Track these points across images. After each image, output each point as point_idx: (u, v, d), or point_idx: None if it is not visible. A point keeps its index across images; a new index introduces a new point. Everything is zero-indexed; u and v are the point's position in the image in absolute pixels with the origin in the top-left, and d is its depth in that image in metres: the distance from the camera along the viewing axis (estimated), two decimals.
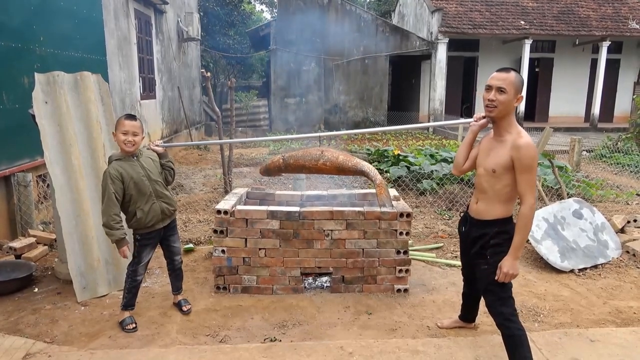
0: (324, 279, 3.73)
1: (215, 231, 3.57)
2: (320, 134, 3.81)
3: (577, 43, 16.83)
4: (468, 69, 17.42)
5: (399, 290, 3.65)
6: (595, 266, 4.21)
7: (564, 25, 16.08)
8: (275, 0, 22.63)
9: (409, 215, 3.57)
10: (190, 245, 4.62)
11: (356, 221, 3.55)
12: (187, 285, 3.72)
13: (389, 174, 6.90)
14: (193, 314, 3.33)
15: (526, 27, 15.73)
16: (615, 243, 4.46)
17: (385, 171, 7.17)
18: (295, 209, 3.59)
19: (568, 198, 5.06)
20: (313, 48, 16.00)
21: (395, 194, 4.03)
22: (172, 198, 3.22)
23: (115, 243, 2.99)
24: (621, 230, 4.86)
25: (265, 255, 3.59)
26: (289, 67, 16.14)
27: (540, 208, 4.56)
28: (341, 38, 15.95)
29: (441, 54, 16.05)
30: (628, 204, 6.29)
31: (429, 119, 16.76)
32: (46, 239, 4.55)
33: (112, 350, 2.86)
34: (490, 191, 2.52)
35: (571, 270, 4.11)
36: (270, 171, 3.96)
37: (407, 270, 3.65)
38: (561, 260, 4.13)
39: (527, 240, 4.49)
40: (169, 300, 3.48)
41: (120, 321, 3.14)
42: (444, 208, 6.05)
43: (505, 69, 2.46)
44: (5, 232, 4.66)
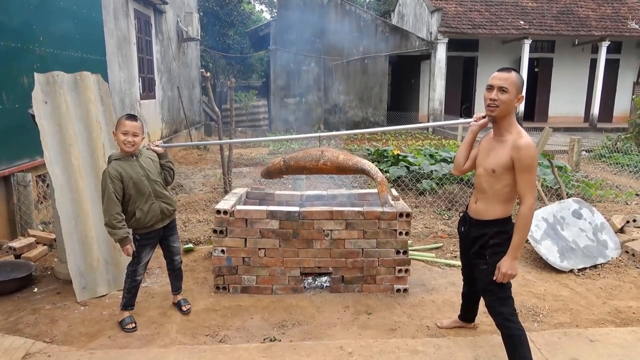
0: (324, 278, 3.73)
1: (214, 231, 3.57)
2: (320, 134, 3.80)
3: (577, 43, 16.85)
4: (467, 69, 17.43)
5: (398, 290, 3.65)
6: (595, 266, 4.21)
7: (564, 25, 16.09)
8: (275, 0, 22.63)
9: (408, 215, 3.57)
10: (190, 245, 4.62)
11: (356, 221, 3.55)
12: (187, 285, 3.72)
13: (388, 174, 6.90)
14: (193, 314, 3.33)
15: (526, 27, 15.74)
16: (614, 243, 4.47)
17: (385, 171, 7.16)
18: (295, 209, 3.59)
19: (567, 198, 5.06)
20: (313, 48, 16.01)
21: (395, 194, 4.03)
22: (172, 198, 3.22)
23: (118, 242, 2.99)
24: (620, 230, 4.87)
25: (265, 255, 3.59)
26: (288, 67, 16.14)
27: (540, 208, 4.57)
28: (341, 38, 15.95)
29: (441, 54, 16.06)
30: (627, 204, 6.30)
31: (428, 119, 16.77)
32: (46, 239, 4.55)
33: (112, 350, 2.87)
34: (490, 191, 2.52)
35: (570, 270, 4.11)
36: (271, 173, 3.96)
37: (407, 270, 3.65)
38: (560, 260, 4.13)
39: (527, 240, 4.50)
40: (169, 300, 3.48)
41: (120, 321, 3.14)
42: (444, 208, 6.06)
43: (506, 69, 2.47)
44: (4, 232, 4.66)
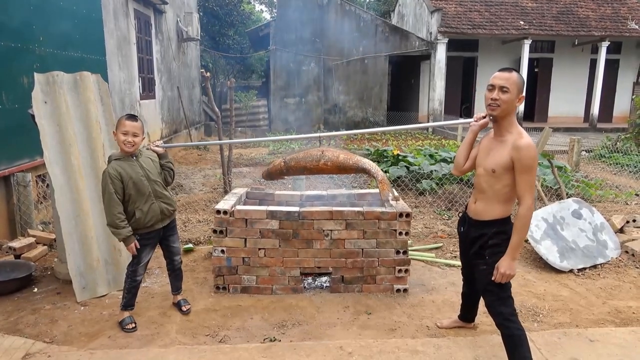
0: (324, 279, 3.73)
1: (214, 231, 3.57)
2: (320, 134, 3.80)
3: (577, 43, 16.85)
4: (467, 69, 17.42)
5: (398, 290, 3.65)
6: (595, 266, 4.22)
7: (563, 26, 16.09)
8: (275, 0, 22.63)
9: (408, 215, 3.57)
10: (190, 245, 4.62)
11: (356, 221, 3.55)
12: (187, 285, 3.72)
13: (388, 174, 6.90)
14: (192, 314, 3.33)
15: (525, 28, 15.74)
16: (614, 243, 4.47)
17: (385, 171, 7.16)
18: (295, 209, 3.59)
19: (567, 198, 5.06)
20: (312, 48, 16.01)
21: (395, 193, 4.03)
22: (172, 198, 3.22)
23: (122, 241, 3.00)
24: (620, 230, 4.87)
25: (265, 255, 3.59)
26: (288, 67, 16.14)
27: (540, 208, 4.57)
28: (341, 38, 15.96)
29: (440, 54, 16.06)
30: (627, 204, 6.30)
31: (428, 119, 16.77)
32: (46, 239, 4.55)
33: (112, 350, 2.87)
34: (489, 191, 2.52)
35: (570, 270, 4.11)
36: (272, 175, 3.96)
37: (407, 270, 3.65)
38: (560, 260, 4.13)
39: (526, 240, 4.51)
40: (169, 300, 3.48)
41: (120, 321, 3.14)
42: (444, 208, 6.06)
43: (507, 69, 2.47)
44: (4, 232, 4.66)
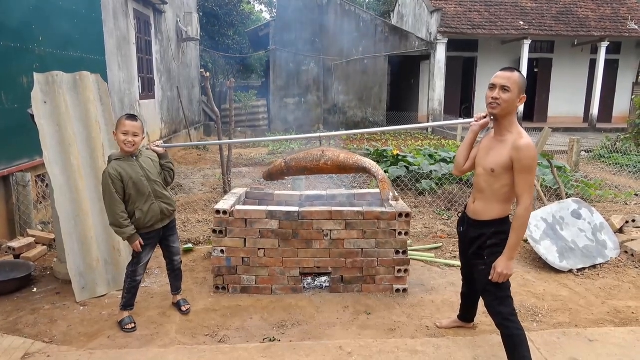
0: (323, 279, 3.73)
1: (214, 231, 3.57)
2: (320, 134, 3.80)
3: (576, 43, 16.86)
4: (467, 69, 17.42)
5: (398, 290, 3.65)
6: (594, 266, 4.22)
7: (563, 26, 16.10)
8: (275, 0, 22.63)
9: (408, 215, 3.57)
10: (190, 245, 4.62)
11: (355, 221, 3.55)
12: (186, 285, 3.71)
13: (388, 174, 6.90)
14: (192, 314, 3.33)
15: (525, 28, 15.75)
16: (613, 243, 4.47)
17: (385, 171, 7.15)
18: (295, 209, 3.59)
19: (567, 198, 5.06)
20: (312, 48, 16.01)
21: (395, 193, 4.03)
22: (172, 198, 3.22)
23: (127, 240, 3.01)
24: (620, 231, 4.87)
25: (265, 255, 3.59)
26: (288, 67, 16.15)
27: (539, 208, 4.57)
28: (340, 38, 15.96)
29: (440, 54, 16.06)
30: (627, 204, 6.30)
31: (428, 119, 16.77)
32: (45, 239, 4.55)
33: (111, 350, 2.86)
34: (488, 191, 2.52)
35: (570, 270, 4.11)
36: (273, 175, 3.96)
37: (406, 270, 3.65)
38: (560, 260, 4.14)
39: (526, 240, 4.52)
40: (168, 300, 3.48)
41: (120, 321, 3.14)
42: (443, 208, 6.06)
43: (509, 69, 2.47)
44: (4, 232, 4.66)
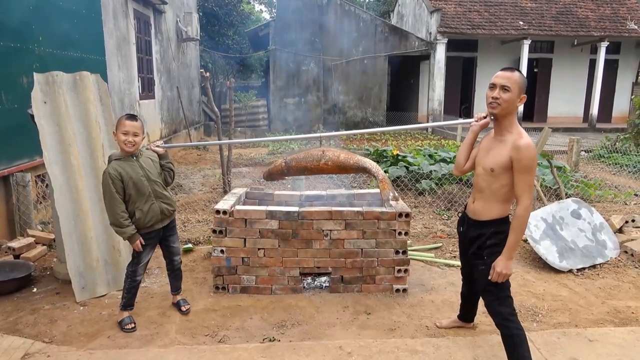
0: (323, 279, 3.73)
1: (214, 231, 3.57)
2: (321, 134, 3.81)
3: (576, 43, 16.87)
4: (467, 69, 17.43)
5: (397, 290, 3.65)
6: (594, 266, 4.22)
7: (563, 26, 16.11)
8: (274, 0, 22.63)
9: (407, 215, 3.57)
10: (189, 245, 4.62)
11: (355, 221, 3.55)
12: (186, 285, 3.71)
13: (387, 174, 6.90)
14: (192, 314, 3.33)
15: (525, 28, 15.75)
16: (613, 243, 4.47)
17: (385, 171, 7.15)
18: (294, 209, 3.59)
19: (566, 198, 5.06)
20: (312, 48, 16.01)
21: (395, 194, 4.03)
22: (172, 198, 3.22)
23: (128, 239, 3.01)
24: (619, 230, 4.88)
25: (264, 255, 3.59)
26: (288, 67, 16.15)
27: (539, 208, 4.57)
28: (340, 38, 15.96)
29: (440, 54, 16.06)
30: (626, 204, 6.30)
31: (427, 119, 16.77)
32: (45, 239, 4.55)
33: (111, 350, 2.86)
34: (488, 190, 2.52)
35: (569, 270, 4.11)
36: (274, 175, 3.97)
37: (406, 270, 3.65)
38: (560, 260, 4.14)
39: (526, 240, 4.52)
40: (168, 300, 3.48)
41: (119, 321, 3.14)
42: (443, 208, 6.06)
43: (509, 69, 2.48)
44: (4, 232, 4.66)
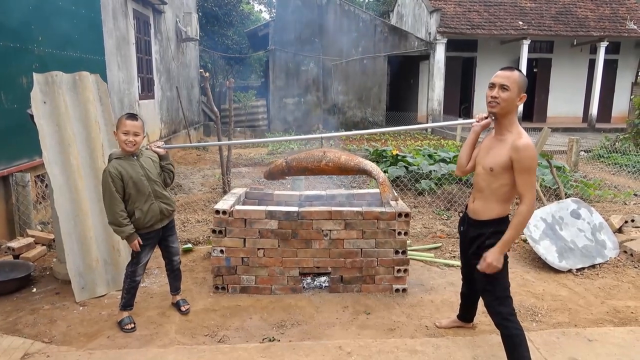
0: (323, 279, 3.73)
1: (213, 231, 3.57)
2: (322, 134, 3.82)
3: (575, 43, 16.88)
4: (466, 69, 17.44)
5: (397, 290, 3.65)
6: (593, 266, 4.22)
7: (562, 26, 16.12)
8: (274, 0, 22.63)
9: (407, 215, 3.57)
10: (189, 245, 4.62)
11: (355, 221, 3.56)
12: (186, 285, 3.71)
13: (387, 174, 6.90)
14: (192, 314, 3.33)
15: (524, 28, 15.76)
16: (613, 243, 4.48)
17: (384, 171, 7.16)
18: (294, 209, 3.59)
19: (566, 198, 5.07)
20: (312, 48, 16.01)
21: (395, 194, 4.04)
22: (171, 198, 3.22)
23: (125, 239, 3.01)
24: (619, 230, 4.88)
25: (264, 255, 3.59)
26: (287, 67, 16.15)
27: (538, 208, 4.58)
28: (340, 38, 15.96)
29: (439, 54, 16.07)
30: (626, 204, 6.31)
31: (427, 119, 16.78)
32: (45, 239, 4.55)
33: (111, 350, 2.86)
34: (487, 190, 2.52)
35: (569, 270, 4.12)
36: (274, 175, 3.97)
37: (406, 270, 3.65)
38: (559, 260, 4.14)
39: (525, 240, 4.52)
40: (168, 300, 3.48)
41: (119, 321, 3.14)
42: (443, 208, 6.06)
43: (509, 68, 2.49)
44: (3, 232, 4.66)
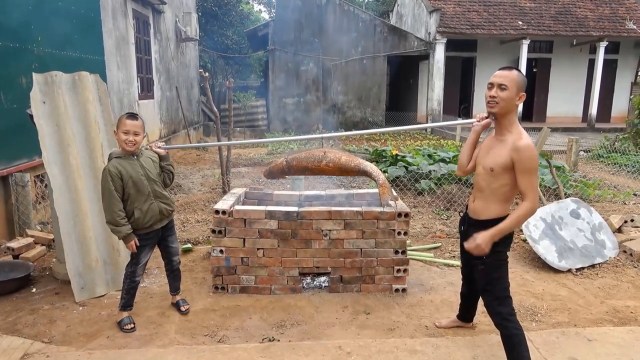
0: (322, 278, 3.73)
1: (213, 231, 3.57)
2: (321, 135, 3.82)
3: (575, 43, 16.89)
4: (466, 69, 17.43)
5: (397, 290, 3.65)
6: (593, 266, 4.22)
7: (562, 26, 16.12)
8: (274, 0, 22.64)
9: (407, 215, 3.57)
10: (189, 245, 4.62)
11: (354, 221, 3.56)
12: (186, 285, 3.71)
13: (387, 174, 6.90)
14: (191, 314, 3.33)
15: (524, 28, 15.76)
16: (612, 243, 4.48)
17: (384, 171, 7.16)
18: (294, 208, 3.59)
19: (566, 198, 5.07)
20: (311, 48, 16.01)
21: (394, 194, 4.04)
22: (171, 198, 3.22)
23: (122, 239, 2.99)
24: (618, 230, 4.88)
25: (264, 255, 3.59)
26: (287, 67, 16.15)
27: (538, 208, 4.58)
28: (339, 38, 15.96)
29: (439, 54, 16.07)
30: (625, 203, 6.31)
31: (427, 119, 16.78)
32: (44, 239, 4.55)
33: (111, 350, 2.86)
34: (487, 190, 2.53)
35: (569, 270, 4.12)
36: (274, 174, 3.98)
37: (405, 270, 3.66)
38: (559, 260, 4.14)
39: (525, 240, 4.52)
40: (167, 300, 3.48)
41: (119, 321, 3.14)
42: (442, 208, 6.06)
43: (507, 67, 2.50)
44: (3, 232, 4.66)
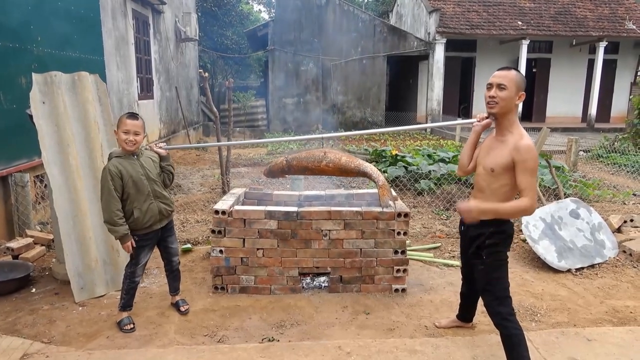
0: (322, 279, 3.74)
1: (213, 231, 3.57)
2: (321, 135, 3.83)
3: (574, 43, 16.90)
4: (466, 69, 17.44)
5: (396, 290, 3.65)
6: (592, 266, 4.23)
7: (561, 26, 16.13)
8: (273, 0, 22.64)
9: (406, 215, 3.58)
10: (188, 245, 4.61)
11: (354, 221, 3.56)
12: (185, 285, 3.71)
13: (386, 174, 6.91)
14: (191, 314, 3.33)
15: (523, 28, 15.77)
16: (612, 243, 4.48)
17: (383, 171, 7.16)
18: (293, 209, 3.59)
19: (565, 198, 5.07)
20: (311, 48, 16.01)
21: (394, 194, 4.04)
22: (170, 198, 3.22)
23: (119, 239, 2.99)
24: (618, 230, 4.88)
25: (263, 256, 3.59)
26: (286, 67, 16.15)
27: (538, 208, 4.58)
28: (339, 38, 15.97)
29: (439, 54, 16.07)
30: (625, 204, 6.31)
31: (426, 119, 16.78)
32: (44, 240, 4.55)
33: (110, 350, 2.86)
34: (488, 190, 2.53)
35: (568, 270, 4.12)
36: (274, 173, 3.98)
37: (405, 270, 3.66)
38: (558, 260, 4.14)
39: (524, 240, 4.52)
40: (167, 300, 3.48)
41: (118, 321, 3.14)
42: (442, 208, 6.07)
43: (506, 68, 2.51)
44: (2, 233, 4.65)
